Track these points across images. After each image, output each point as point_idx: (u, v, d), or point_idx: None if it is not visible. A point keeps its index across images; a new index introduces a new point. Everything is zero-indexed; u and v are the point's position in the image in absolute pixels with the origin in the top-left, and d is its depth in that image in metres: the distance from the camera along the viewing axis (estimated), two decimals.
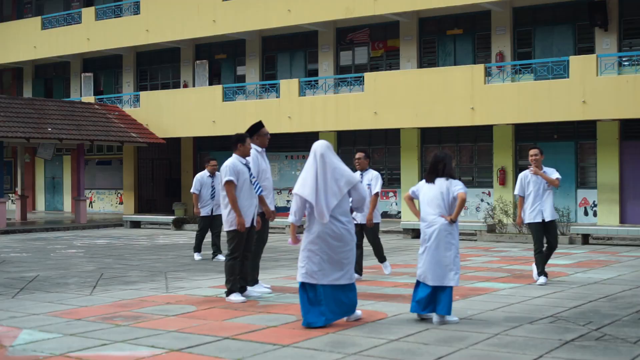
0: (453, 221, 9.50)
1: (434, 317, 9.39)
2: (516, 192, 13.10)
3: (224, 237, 13.01)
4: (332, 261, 9.26)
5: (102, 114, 33.75)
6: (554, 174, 12.80)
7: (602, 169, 26.28)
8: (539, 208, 12.77)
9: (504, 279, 13.56)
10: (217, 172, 16.87)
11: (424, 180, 9.86)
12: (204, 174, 17.70)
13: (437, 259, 9.47)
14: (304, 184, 9.35)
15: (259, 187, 11.40)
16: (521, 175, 13.04)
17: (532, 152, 12.98)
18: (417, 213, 10.05)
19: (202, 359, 7.68)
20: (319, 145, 9.42)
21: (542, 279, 12.71)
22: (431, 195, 9.63)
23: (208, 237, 18.05)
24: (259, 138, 11.09)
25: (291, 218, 9.54)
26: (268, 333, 8.86)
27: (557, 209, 22.61)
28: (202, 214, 17.70)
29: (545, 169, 12.87)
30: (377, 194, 13.17)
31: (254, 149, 11.44)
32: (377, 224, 13.51)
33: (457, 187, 9.57)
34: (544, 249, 12.89)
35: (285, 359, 7.62)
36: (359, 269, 13.09)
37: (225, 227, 11.24)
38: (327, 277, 9.25)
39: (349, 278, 9.33)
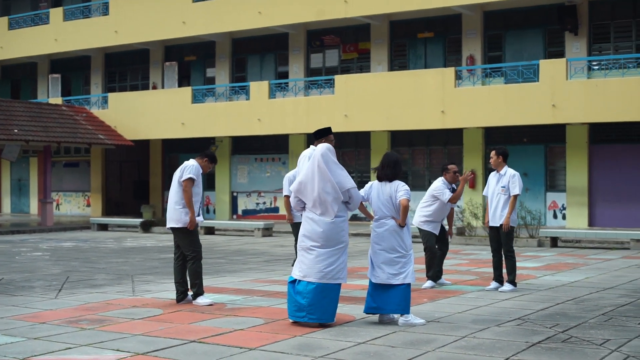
0: (402, 225, 9.71)
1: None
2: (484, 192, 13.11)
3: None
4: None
5: (70, 115, 33.48)
6: (513, 183, 12.46)
7: (572, 172, 26.44)
8: (492, 212, 12.68)
9: (473, 282, 13.58)
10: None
11: (376, 181, 9.95)
12: (296, 172, 15.67)
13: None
14: (303, 185, 9.57)
15: (200, 205, 11.46)
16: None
17: (490, 154, 12.91)
18: (369, 214, 10.14)
19: None
20: (321, 147, 9.64)
21: (492, 284, 12.66)
22: (384, 195, 9.77)
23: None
24: (327, 142, 10.95)
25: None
26: (235, 336, 8.79)
27: (530, 211, 22.82)
28: (298, 221, 15.11)
29: (507, 171, 12.62)
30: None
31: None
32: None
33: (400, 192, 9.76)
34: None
35: None
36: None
37: (176, 224, 11.16)
38: (313, 275, 9.44)
39: (334, 278, 9.44)
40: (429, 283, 12.94)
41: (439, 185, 13.06)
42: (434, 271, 13.00)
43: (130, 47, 36.00)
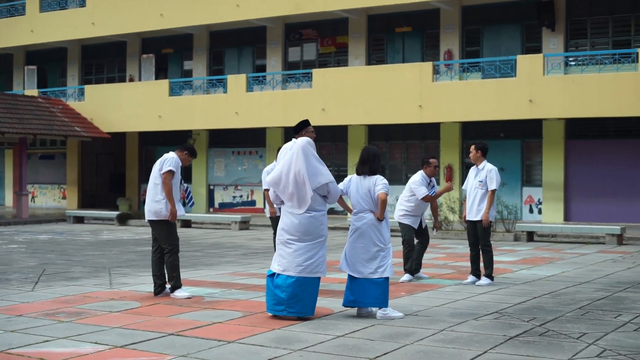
0: (380, 219, 9.71)
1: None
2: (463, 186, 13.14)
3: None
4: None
5: (46, 107, 33.26)
6: (490, 178, 12.52)
7: (548, 167, 26.59)
8: (469, 206, 12.72)
9: (450, 276, 13.63)
10: None
11: (355, 175, 10.00)
12: (274, 166, 15.70)
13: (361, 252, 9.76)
14: (279, 177, 9.58)
15: (192, 200, 11.45)
16: None
17: (470, 148, 12.92)
18: (348, 208, 10.14)
19: (147, 355, 7.56)
20: (300, 140, 9.68)
21: (470, 278, 12.72)
22: (363, 189, 9.78)
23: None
24: (307, 134, 10.84)
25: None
26: (213, 329, 8.78)
27: (507, 206, 22.96)
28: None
29: (485, 166, 12.66)
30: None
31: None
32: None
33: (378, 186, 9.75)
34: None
35: (231, 355, 7.54)
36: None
37: (154, 217, 11.13)
38: (292, 269, 9.43)
39: (313, 272, 9.45)
40: (406, 276, 12.97)
41: (417, 179, 13.07)
42: (412, 264, 13.04)
43: (107, 39, 35.80)
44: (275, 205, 10.18)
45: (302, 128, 10.22)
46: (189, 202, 11.82)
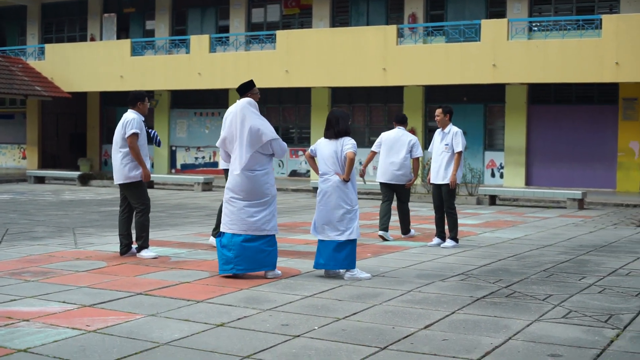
0: (346, 180, 9.65)
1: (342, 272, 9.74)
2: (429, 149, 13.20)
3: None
4: (243, 211, 9.46)
5: (5, 66, 32.77)
6: (456, 141, 12.54)
7: (510, 132, 26.77)
8: (435, 170, 12.78)
9: (415, 238, 13.70)
10: None
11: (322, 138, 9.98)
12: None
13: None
14: (224, 138, 9.66)
15: (158, 138, 11.49)
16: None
17: (436, 111, 12.95)
18: (317, 170, 10.14)
19: (116, 314, 7.53)
20: (240, 102, 9.64)
21: (435, 240, 12.82)
22: (329, 151, 9.74)
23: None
24: (252, 96, 10.74)
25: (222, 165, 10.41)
26: (182, 289, 8.77)
27: (472, 169, 23.14)
28: None
29: (450, 129, 12.67)
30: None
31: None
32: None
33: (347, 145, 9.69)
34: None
35: (200, 315, 7.53)
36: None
37: (125, 180, 11.03)
38: (237, 226, 9.42)
39: (259, 229, 9.45)
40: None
41: (415, 137, 13.59)
42: (386, 222, 13.33)
43: None
44: (224, 164, 10.22)
45: (247, 89, 10.09)
46: (156, 143, 11.71)
